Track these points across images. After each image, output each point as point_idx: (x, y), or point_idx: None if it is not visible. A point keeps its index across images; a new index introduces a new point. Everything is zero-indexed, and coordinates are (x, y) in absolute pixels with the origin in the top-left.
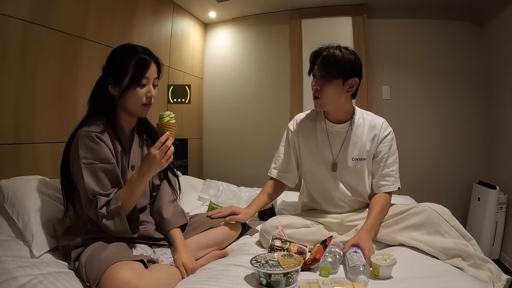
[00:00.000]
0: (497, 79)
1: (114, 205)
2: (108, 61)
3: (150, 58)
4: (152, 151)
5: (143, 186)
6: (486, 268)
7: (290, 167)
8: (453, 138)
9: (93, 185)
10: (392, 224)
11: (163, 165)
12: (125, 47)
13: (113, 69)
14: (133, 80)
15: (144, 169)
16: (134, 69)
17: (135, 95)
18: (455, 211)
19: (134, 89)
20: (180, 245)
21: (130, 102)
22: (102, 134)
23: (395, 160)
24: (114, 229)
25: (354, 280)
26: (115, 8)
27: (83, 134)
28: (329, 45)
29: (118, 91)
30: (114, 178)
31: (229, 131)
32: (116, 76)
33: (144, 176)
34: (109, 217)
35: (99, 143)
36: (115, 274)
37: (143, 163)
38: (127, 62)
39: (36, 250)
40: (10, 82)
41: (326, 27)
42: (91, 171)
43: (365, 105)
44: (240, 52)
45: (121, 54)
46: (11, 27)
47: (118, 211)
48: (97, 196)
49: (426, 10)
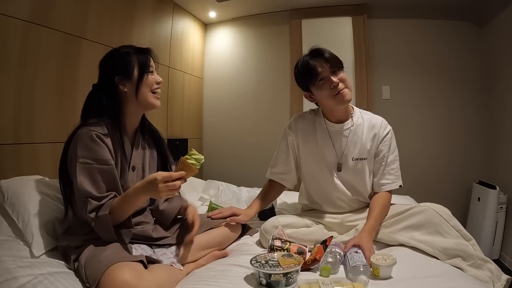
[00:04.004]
0: (497, 79)
1: (102, 213)
2: (108, 62)
3: (146, 49)
4: (158, 180)
5: (136, 203)
6: (486, 268)
7: (289, 168)
8: (453, 138)
9: (86, 185)
10: (392, 224)
11: (161, 197)
12: (118, 49)
13: (118, 67)
14: (143, 70)
15: (141, 189)
16: (138, 60)
17: (146, 83)
18: (455, 211)
19: (147, 78)
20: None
21: (144, 92)
22: (104, 135)
23: (395, 158)
24: (101, 235)
25: (354, 280)
26: (115, 8)
27: (84, 132)
28: (317, 47)
29: (130, 86)
30: (111, 180)
31: (229, 131)
32: (124, 72)
33: (139, 195)
34: (97, 223)
35: (98, 143)
36: (115, 275)
37: (143, 184)
38: (130, 57)
39: (36, 250)
40: (10, 82)
41: (326, 27)
42: (86, 171)
43: (365, 105)
44: (240, 52)
45: (119, 53)
46: (11, 27)
47: (106, 220)
48: (88, 200)
49: (426, 10)
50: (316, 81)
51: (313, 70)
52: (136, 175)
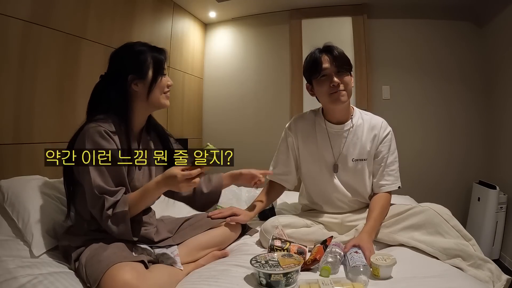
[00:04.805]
0: (497, 79)
1: (120, 209)
2: (121, 57)
3: (161, 49)
4: (178, 179)
5: (155, 197)
6: (486, 268)
7: (289, 169)
8: (453, 138)
9: (100, 181)
10: (392, 224)
11: (181, 190)
12: (132, 44)
13: (132, 65)
14: (158, 72)
15: (162, 183)
16: (155, 62)
17: (159, 85)
18: (455, 211)
19: (161, 80)
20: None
21: (156, 93)
22: (112, 133)
23: (394, 159)
24: (117, 232)
25: (354, 280)
26: (115, 8)
27: (92, 127)
28: (330, 44)
29: (143, 86)
30: (120, 176)
31: (229, 131)
32: (138, 72)
33: (160, 188)
34: (113, 220)
35: (107, 139)
36: (115, 275)
37: (163, 179)
38: (146, 56)
39: (36, 249)
40: (10, 82)
41: (326, 27)
42: (97, 167)
43: (365, 105)
44: (240, 52)
45: (134, 50)
46: (11, 27)
47: (124, 215)
48: (104, 196)
49: (426, 10)
50: (319, 76)
51: (318, 64)
52: (142, 173)
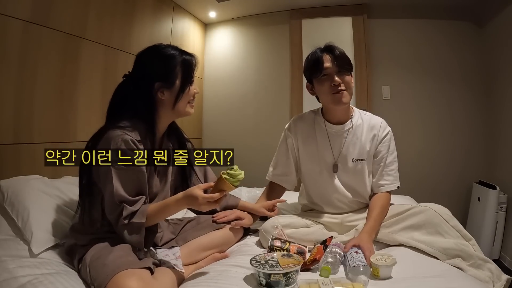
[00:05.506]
0: (497, 79)
1: (137, 220)
2: (150, 61)
3: (192, 56)
4: (200, 200)
5: (174, 213)
6: (486, 268)
7: (289, 170)
8: (453, 138)
9: (121, 190)
10: (392, 224)
11: (202, 210)
12: (163, 48)
13: (160, 72)
14: (186, 81)
15: (184, 202)
16: (183, 70)
17: (186, 95)
18: (455, 211)
19: (188, 90)
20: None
21: (183, 102)
22: (138, 142)
23: (394, 159)
24: (129, 240)
25: (354, 280)
26: (115, 8)
27: (118, 135)
28: (331, 44)
29: (169, 95)
30: (141, 185)
31: (229, 131)
32: (166, 80)
33: (181, 206)
34: (129, 229)
35: (133, 149)
36: (122, 284)
37: (184, 198)
38: (175, 63)
39: (35, 248)
40: (10, 82)
41: (326, 27)
42: (121, 176)
43: (365, 105)
44: (240, 52)
45: (164, 55)
46: (11, 27)
47: (140, 227)
48: (123, 205)
49: (426, 10)
50: (320, 75)
51: (319, 64)
52: (159, 180)
